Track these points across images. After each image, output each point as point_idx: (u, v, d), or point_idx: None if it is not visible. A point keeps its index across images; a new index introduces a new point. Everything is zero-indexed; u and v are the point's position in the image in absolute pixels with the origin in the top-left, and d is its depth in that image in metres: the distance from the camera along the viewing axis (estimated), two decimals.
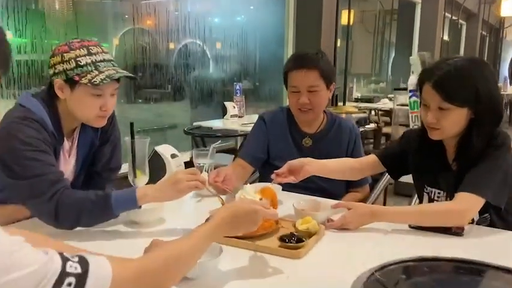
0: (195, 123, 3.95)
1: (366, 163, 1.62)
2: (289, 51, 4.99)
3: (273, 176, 1.47)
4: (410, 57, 4.47)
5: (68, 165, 1.43)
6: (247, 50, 4.91)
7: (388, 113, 5.88)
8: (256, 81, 5.21)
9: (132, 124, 1.57)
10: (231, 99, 4.23)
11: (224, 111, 4.08)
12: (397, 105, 4.63)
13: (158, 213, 1.40)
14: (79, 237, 1.21)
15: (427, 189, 1.51)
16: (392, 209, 1.37)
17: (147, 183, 1.55)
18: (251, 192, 1.28)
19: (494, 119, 1.33)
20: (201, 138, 3.52)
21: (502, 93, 10.30)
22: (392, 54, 10.25)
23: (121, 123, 1.60)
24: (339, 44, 4.98)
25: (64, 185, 1.24)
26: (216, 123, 3.99)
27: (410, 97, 4.31)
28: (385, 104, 6.21)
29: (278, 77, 5.20)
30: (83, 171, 1.49)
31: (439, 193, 1.47)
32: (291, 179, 1.47)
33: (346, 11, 5.30)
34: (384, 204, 2.13)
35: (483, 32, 13.91)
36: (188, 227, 1.27)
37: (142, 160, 1.59)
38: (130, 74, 1.38)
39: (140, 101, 4.10)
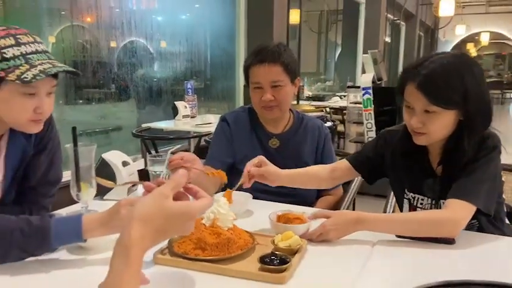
0: (143, 125, 3.68)
1: (339, 170, 1.49)
2: (241, 47, 4.85)
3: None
4: (363, 55, 4.47)
5: None
6: (197, 47, 4.69)
7: (339, 111, 5.91)
8: (207, 79, 5.00)
9: (74, 129, 1.33)
10: (181, 99, 4.03)
11: (175, 112, 3.85)
12: (350, 103, 4.61)
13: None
14: (8, 270, 0.97)
15: (407, 195, 1.40)
16: (379, 216, 1.23)
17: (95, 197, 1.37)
18: (226, 206, 1.09)
19: (485, 120, 1.22)
20: (151, 141, 3.27)
21: None
22: (337, 54, 10.43)
23: (59, 127, 1.36)
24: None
25: None
26: (167, 125, 3.75)
27: (363, 95, 4.32)
28: (336, 102, 6.23)
29: (230, 74, 5.11)
30: (13, 187, 1.23)
31: (422, 199, 1.36)
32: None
33: (293, 10, 5.23)
34: (353, 207, 2.01)
35: (420, 33, 14.60)
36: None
37: (87, 170, 1.38)
38: (70, 68, 1.14)
39: (81, 101, 3.78)
